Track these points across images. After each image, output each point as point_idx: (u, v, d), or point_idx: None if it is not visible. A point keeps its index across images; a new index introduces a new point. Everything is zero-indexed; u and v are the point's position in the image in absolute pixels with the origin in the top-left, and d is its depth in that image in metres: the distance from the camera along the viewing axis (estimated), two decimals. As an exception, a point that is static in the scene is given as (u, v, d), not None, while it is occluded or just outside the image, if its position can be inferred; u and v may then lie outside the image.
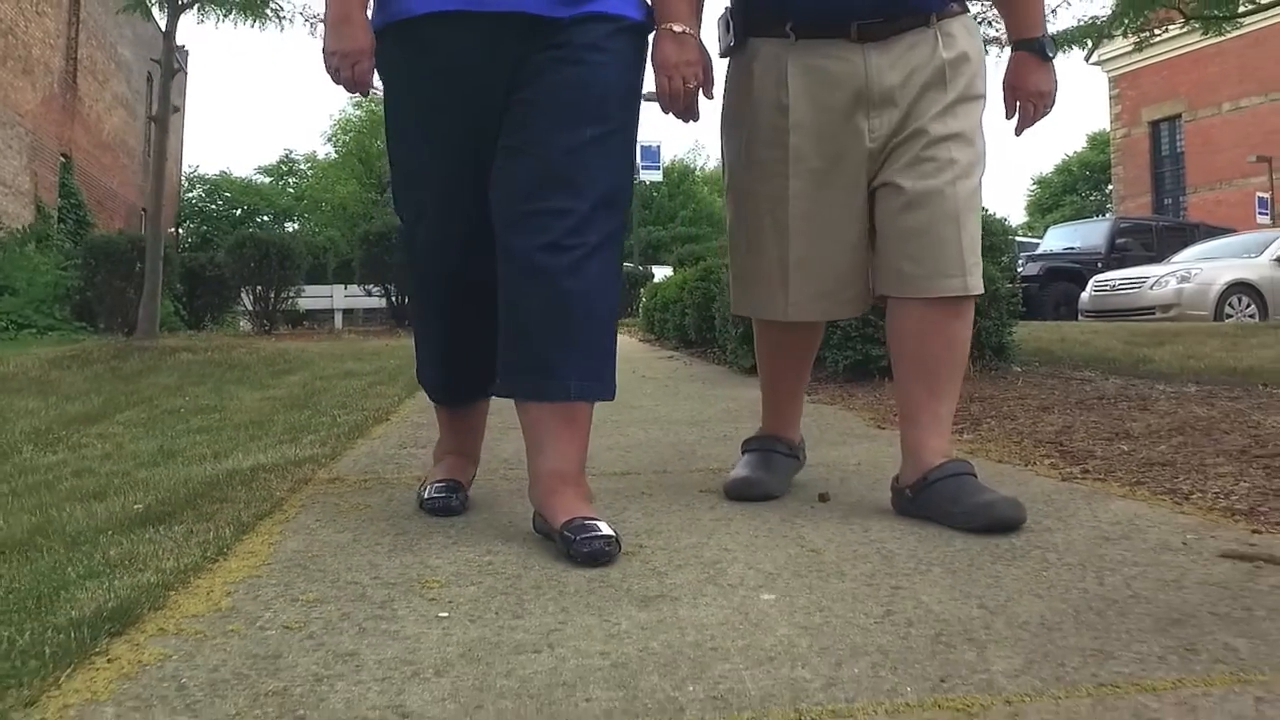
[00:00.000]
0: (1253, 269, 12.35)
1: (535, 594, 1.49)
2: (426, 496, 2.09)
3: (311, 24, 9.19)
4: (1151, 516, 1.92)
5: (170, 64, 8.93)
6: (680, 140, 76.05)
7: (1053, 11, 8.89)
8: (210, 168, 51.52)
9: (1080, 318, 13.15)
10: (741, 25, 2.13)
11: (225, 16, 8.87)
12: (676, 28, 1.96)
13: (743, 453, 2.29)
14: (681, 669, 1.17)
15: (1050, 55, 2.09)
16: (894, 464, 2.08)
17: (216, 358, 7.02)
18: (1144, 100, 27.45)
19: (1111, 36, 8.84)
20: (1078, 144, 60.34)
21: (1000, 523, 1.79)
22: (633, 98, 1.95)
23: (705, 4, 2.13)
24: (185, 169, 24.25)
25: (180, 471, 2.60)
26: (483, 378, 2.05)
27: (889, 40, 1.99)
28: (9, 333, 11.20)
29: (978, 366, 4.47)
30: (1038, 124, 2.14)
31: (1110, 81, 28.49)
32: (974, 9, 6.50)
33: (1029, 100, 2.10)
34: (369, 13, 1.96)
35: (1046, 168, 58.95)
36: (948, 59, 2.00)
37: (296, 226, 37.58)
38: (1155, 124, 27.49)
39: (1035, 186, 50.65)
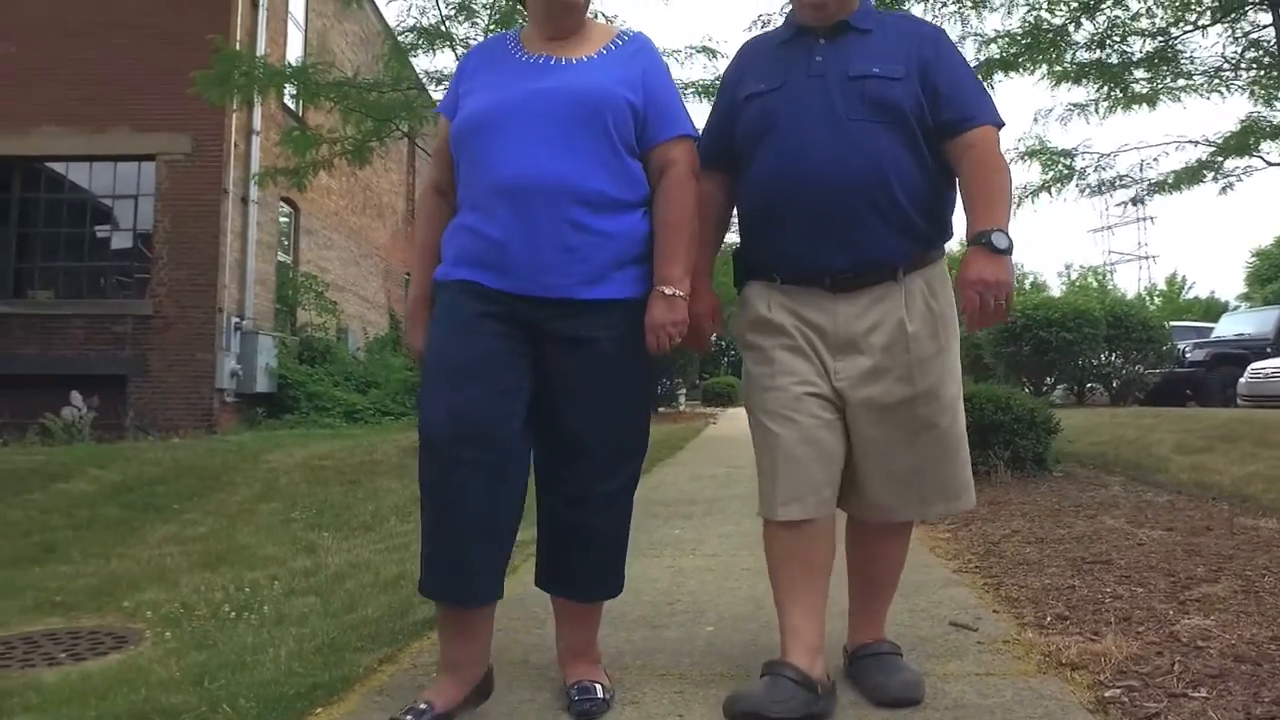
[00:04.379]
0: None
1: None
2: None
3: None
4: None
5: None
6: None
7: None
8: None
9: (1239, 403, 12.75)
10: (742, 270, 2.19)
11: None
12: (667, 290, 1.98)
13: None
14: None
15: (999, 248, 1.87)
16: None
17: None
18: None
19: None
20: (1302, 216, 54.39)
21: (899, 700, 1.97)
22: (643, 368, 2.06)
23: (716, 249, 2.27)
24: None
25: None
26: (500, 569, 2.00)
27: (859, 292, 2.01)
28: (375, 418, 12.59)
29: (1016, 474, 5.26)
30: (994, 318, 1.91)
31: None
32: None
33: (972, 289, 1.87)
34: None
35: (1266, 239, 53.32)
36: (908, 317, 2.00)
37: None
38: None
39: (1255, 259, 46.20)
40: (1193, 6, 7.47)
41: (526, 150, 1.93)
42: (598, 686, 2.04)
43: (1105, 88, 8.17)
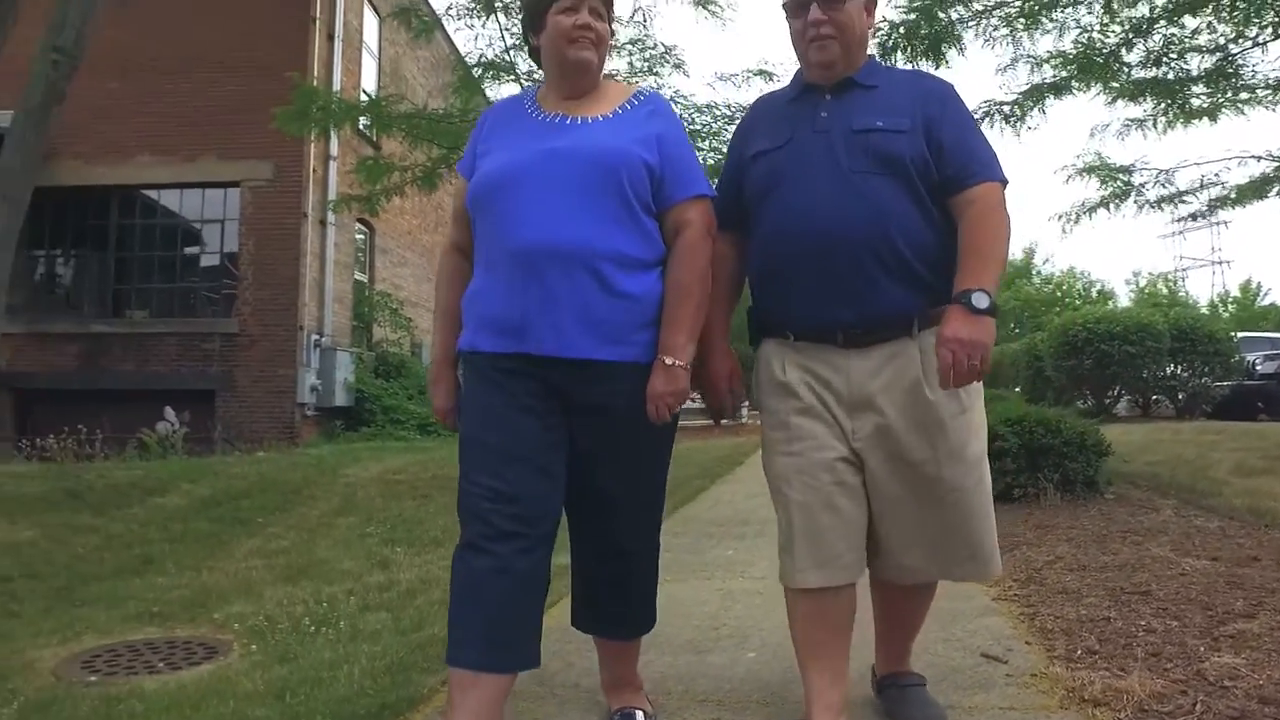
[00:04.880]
0: None
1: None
2: None
3: None
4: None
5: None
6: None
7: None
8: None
9: (1308, 413, 12.34)
10: (756, 327, 2.17)
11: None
12: (668, 360, 1.96)
13: None
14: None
15: (979, 308, 1.83)
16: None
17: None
18: None
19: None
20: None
21: None
22: (664, 428, 2.03)
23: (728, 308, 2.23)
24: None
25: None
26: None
27: (871, 348, 1.97)
28: (447, 431, 13.19)
29: (1066, 497, 5.23)
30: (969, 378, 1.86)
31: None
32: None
33: (945, 346, 1.84)
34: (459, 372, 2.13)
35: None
36: (923, 375, 1.94)
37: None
38: None
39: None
40: (1253, 22, 7.28)
41: (543, 212, 1.92)
42: (639, 713, 2.16)
43: (1163, 104, 8.02)
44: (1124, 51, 7.10)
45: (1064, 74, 7.17)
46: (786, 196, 2.02)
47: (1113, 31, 6.95)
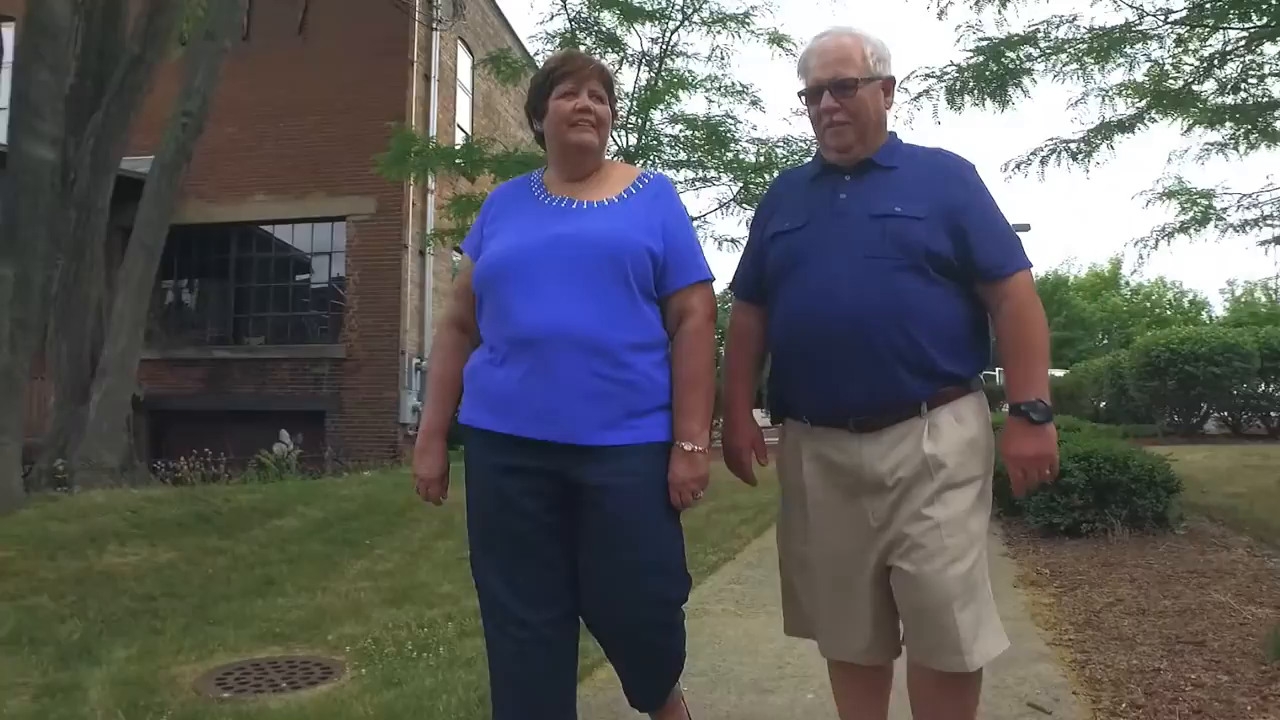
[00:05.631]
0: None
1: None
2: None
3: (720, 243, 10.75)
4: None
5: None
6: (1052, 254, 72.72)
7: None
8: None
9: None
10: (775, 408, 2.15)
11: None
12: (687, 446, 1.97)
13: None
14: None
15: (1038, 420, 1.87)
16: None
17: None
18: None
19: None
20: None
21: None
22: (669, 508, 2.01)
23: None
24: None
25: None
26: None
27: (882, 431, 1.93)
28: None
29: (1136, 533, 5.16)
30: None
31: None
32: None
33: (1016, 465, 1.90)
34: (443, 444, 2.15)
35: None
36: (929, 453, 1.89)
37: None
38: None
39: None
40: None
41: (546, 298, 1.92)
42: None
43: (1244, 129, 7.82)
44: (1197, 85, 6.96)
45: (1138, 107, 7.07)
46: (802, 280, 2.00)
47: (1186, 64, 6.83)
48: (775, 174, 9.24)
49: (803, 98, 2.09)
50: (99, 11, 7.90)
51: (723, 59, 9.62)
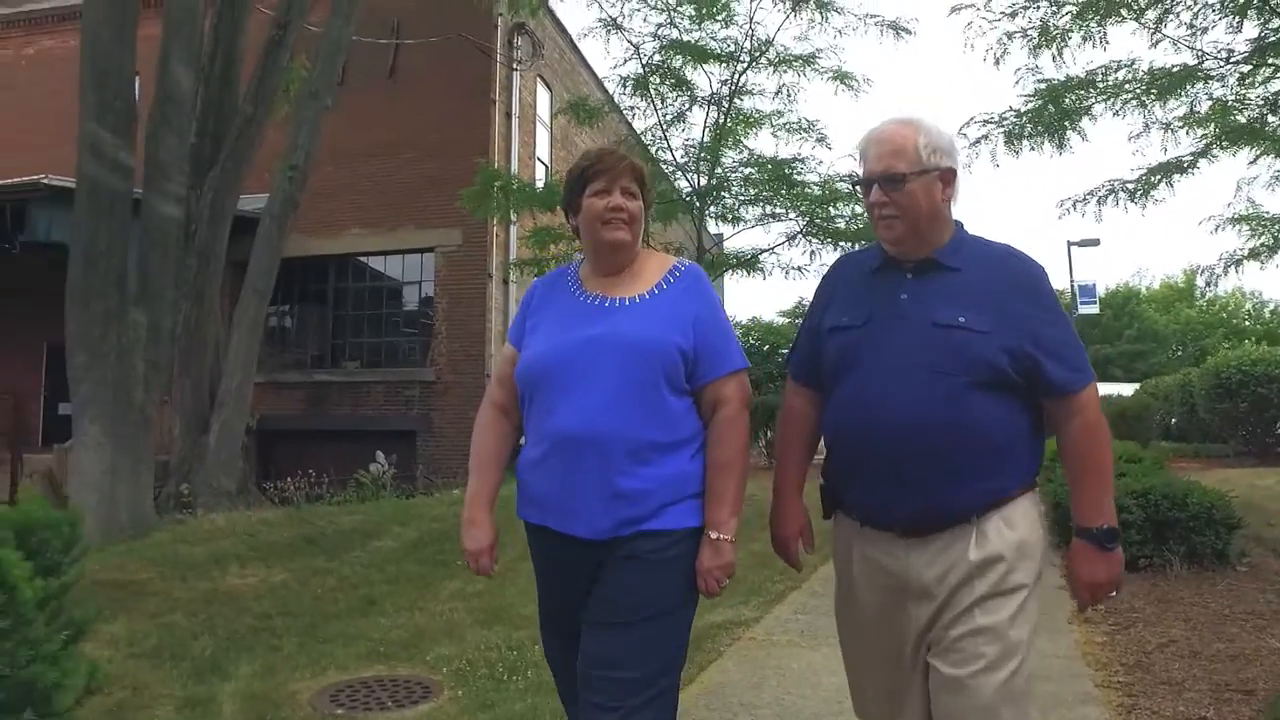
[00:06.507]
0: None
1: None
2: None
3: (786, 272, 10.81)
4: None
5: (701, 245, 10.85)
6: (1122, 266, 70.30)
7: None
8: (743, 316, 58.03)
9: None
10: (829, 502, 2.09)
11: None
12: (714, 534, 1.95)
13: None
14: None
15: (1108, 546, 1.81)
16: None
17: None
18: None
19: None
20: None
21: None
22: (685, 594, 1.97)
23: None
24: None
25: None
26: None
27: (928, 538, 1.87)
28: None
29: (1195, 568, 5.12)
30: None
31: None
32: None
33: (1085, 590, 1.85)
34: (493, 512, 2.14)
35: None
36: (975, 561, 1.83)
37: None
38: None
39: None
40: None
41: (578, 400, 1.95)
42: None
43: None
44: (1271, 115, 6.83)
45: (1205, 141, 6.97)
46: (859, 384, 1.93)
47: (1253, 100, 6.72)
48: (839, 206, 9.36)
49: (856, 187, 2.10)
50: (216, 78, 8.49)
51: (789, 97, 9.80)
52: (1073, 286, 22.45)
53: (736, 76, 9.61)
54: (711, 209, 10.01)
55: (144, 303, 6.92)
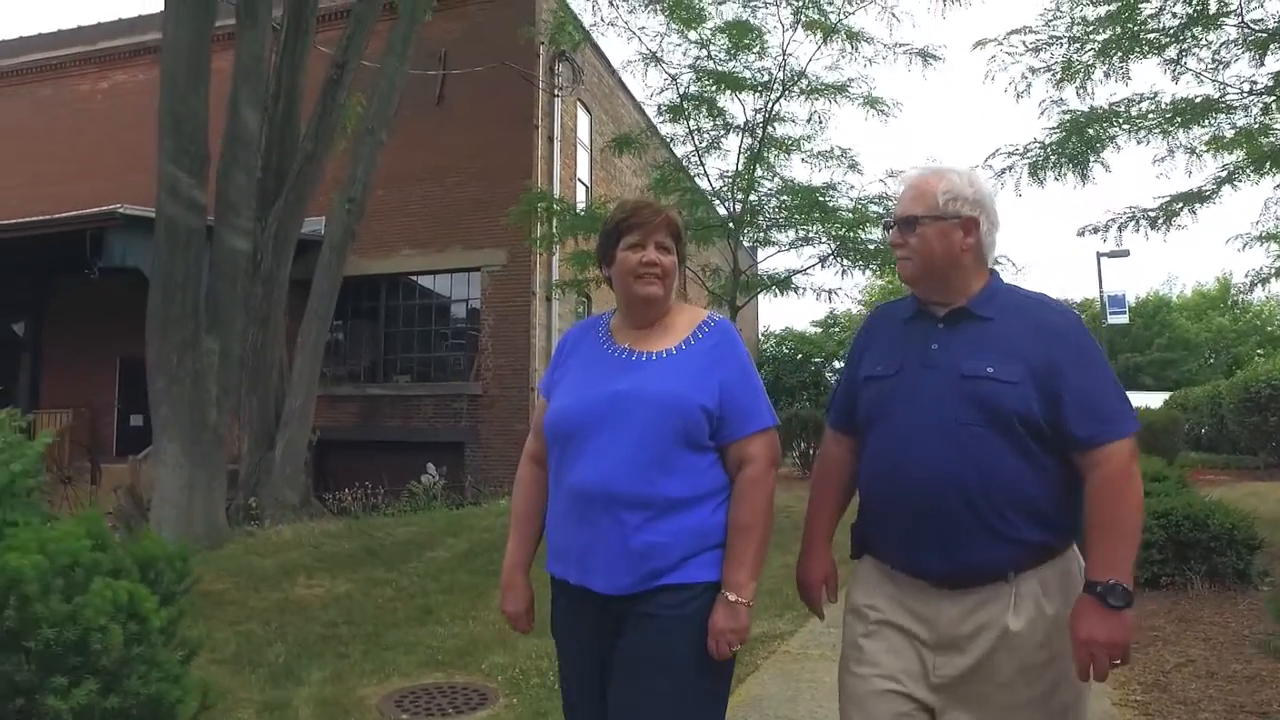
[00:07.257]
0: None
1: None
2: None
3: (818, 294, 10.98)
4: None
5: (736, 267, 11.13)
6: (1154, 276, 69.05)
7: None
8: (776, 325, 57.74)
9: None
10: (859, 544, 2.01)
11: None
12: (731, 596, 1.87)
13: None
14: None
15: (1115, 605, 1.65)
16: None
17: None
18: None
19: None
20: None
21: None
22: (704, 650, 1.87)
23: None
24: (761, 328, 28.73)
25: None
26: None
27: (962, 592, 1.78)
28: None
29: (1216, 587, 5.14)
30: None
31: None
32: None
33: (1083, 648, 1.66)
34: (528, 573, 2.10)
35: None
36: (1014, 629, 1.74)
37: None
38: None
39: None
40: None
41: (599, 456, 1.91)
42: None
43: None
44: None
45: (1232, 168, 6.97)
46: (889, 438, 1.88)
47: (1276, 130, 6.71)
48: (868, 229, 9.47)
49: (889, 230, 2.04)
50: (279, 117, 8.85)
51: (820, 123, 9.93)
52: (1102, 297, 22.22)
53: (770, 105, 9.77)
54: (746, 231, 10.19)
55: (215, 330, 7.26)
